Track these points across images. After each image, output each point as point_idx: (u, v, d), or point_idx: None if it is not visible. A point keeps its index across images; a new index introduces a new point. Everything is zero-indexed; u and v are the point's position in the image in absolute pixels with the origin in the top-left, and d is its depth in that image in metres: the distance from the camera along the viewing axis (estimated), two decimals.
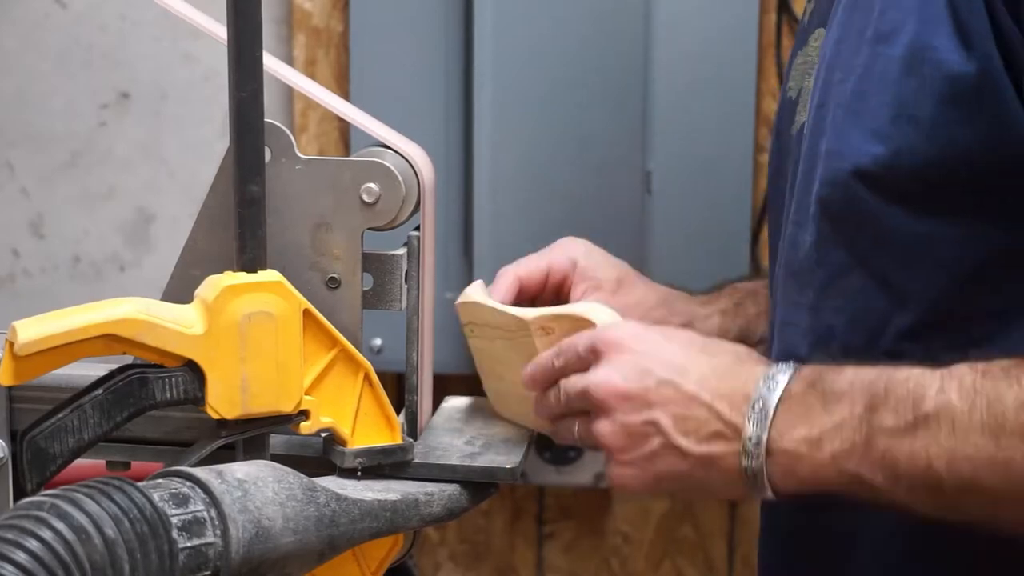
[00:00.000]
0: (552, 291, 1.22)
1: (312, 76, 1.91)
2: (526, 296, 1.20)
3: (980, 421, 0.88)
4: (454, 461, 1.06)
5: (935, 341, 0.97)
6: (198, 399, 0.95)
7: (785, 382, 0.96)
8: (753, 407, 0.96)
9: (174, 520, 0.85)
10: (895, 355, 0.97)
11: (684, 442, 0.98)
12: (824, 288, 1.02)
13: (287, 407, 0.98)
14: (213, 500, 0.87)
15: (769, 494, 0.96)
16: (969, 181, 0.95)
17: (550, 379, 1.06)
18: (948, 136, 0.94)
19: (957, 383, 0.90)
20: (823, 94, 1.03)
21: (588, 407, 1.02)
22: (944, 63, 0.93)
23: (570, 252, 1.23)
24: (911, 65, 0.95)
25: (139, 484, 0.86)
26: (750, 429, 0.96)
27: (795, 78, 1.13)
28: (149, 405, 0.94)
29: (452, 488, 1.04)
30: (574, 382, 1.03)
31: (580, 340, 1.04)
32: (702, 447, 0.98)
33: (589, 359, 1.03)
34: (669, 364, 1.00)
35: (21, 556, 0.77)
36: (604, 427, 1.01)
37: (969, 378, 0.89)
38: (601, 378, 1.01)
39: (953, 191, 0.95)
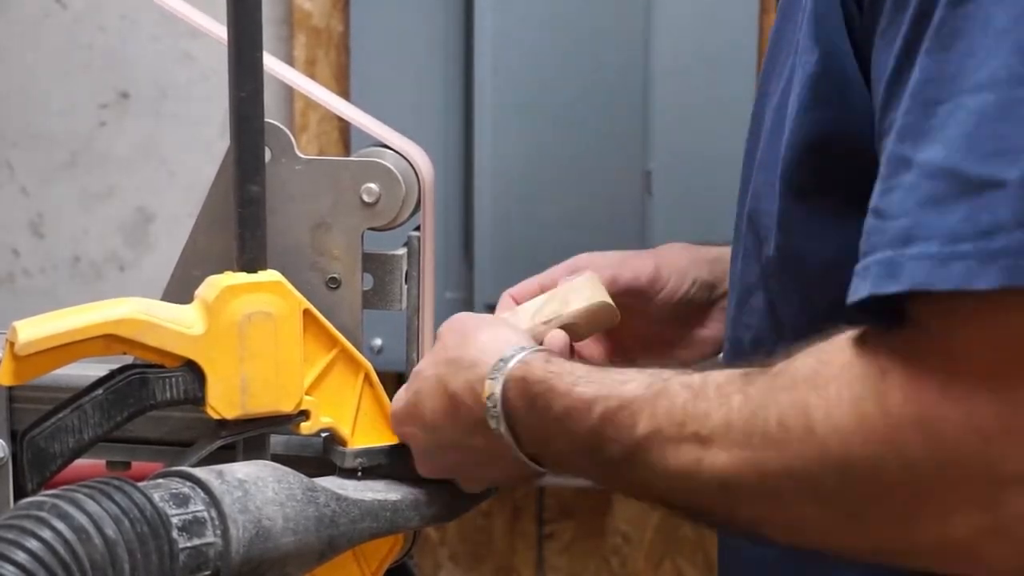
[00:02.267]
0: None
1: (312, 76, 1.91)
2: None
3: (686, 450, 0.85)
4: None
5: None
6: (198, 399, 0.95)
7: (500, 410, 0.95)
8: (496, 433, 0.95)
9: (174, 520, 0.85)
10: None
11: (490, 473, 1.01)
12: (739, 304, 1.00)
13: (287, 407, 0.98)
14: (213, 500, 0.87)
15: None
16: (830, 183, 0.90)
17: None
18: (804, 138, 0.90)
19: (667, 406, 0.86)
20: (757, 104, 1.01)
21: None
22: (801, 65, 0.91)
23: (564, 264, 1.21)
24: (790, 78, 0.93)
25: (139, 484, 0.86)
26: (509, 449, 0.95)
27: None
28: (149, 405, 0.94)
29: (452, 488, 1.04)
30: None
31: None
32: (500, 471, 1.00)
33: None
34: (430, 431, 1.01)
35: (21, 556, 0.77)
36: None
37: (681, 398, 0.86)
38: (420, 469, 1.04)
39: (818, 197, 0.92)
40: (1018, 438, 0.73)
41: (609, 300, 1.09)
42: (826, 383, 0.78)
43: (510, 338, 1.00)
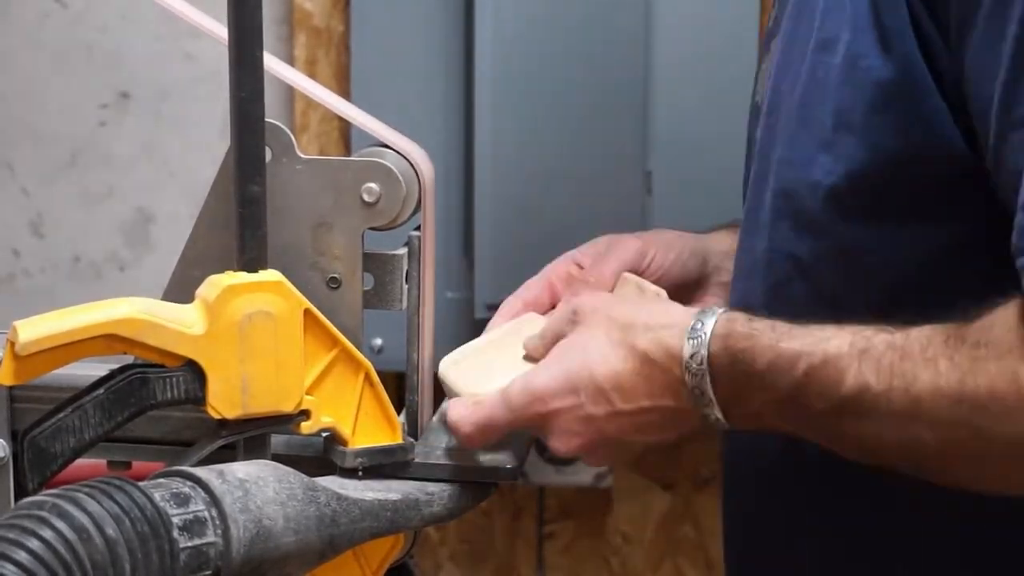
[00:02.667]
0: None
1: (312, 76, 1.91)
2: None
3: (898, 404, 0.90)
4: (455, 461, 1.06)
5: None
6: (199, 399, 0.95)
7: (706, 368, 0.96)
8: (694, 393, 0.97)
9: (175, 520, 0.85)
10: None
11: (655, 438, 1.02)
12: (771, 294, 1.03)
13: (288, 407, 0.98)
14: (214, 500, 0.87)
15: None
16: (902, 187, 0.95)
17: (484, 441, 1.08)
18: (878, 142, 0.94)
19: (875, 364, 0.90)
20: (772, 102, 1.04)
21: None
22: (871, 69, 0.94)
23: (567, 255, 1.22)
24: (847, 73, 0.96)
25: (140, 484, 0.86)
26: (702, 410, 0.97)
27: (760, 85, 1.14)
28: (150, 405, 0.94)
29: (452, 488, 1.04)
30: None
31: (500, 422, 1.05)
32: (671, 432, 1.01)
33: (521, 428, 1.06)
34: (599, 398, 1.00)
35: (22, 555, 0.77)
36: (593, 461, 1.05)
37: (887, 359, 0.90)
38: (561, 448, 1.03)
39: (888, 198, 0.96)
40: None
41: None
42: None
43: (677, 308, 1.03)
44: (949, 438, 0.89)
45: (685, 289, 1.21)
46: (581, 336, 1.02)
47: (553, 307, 1.18)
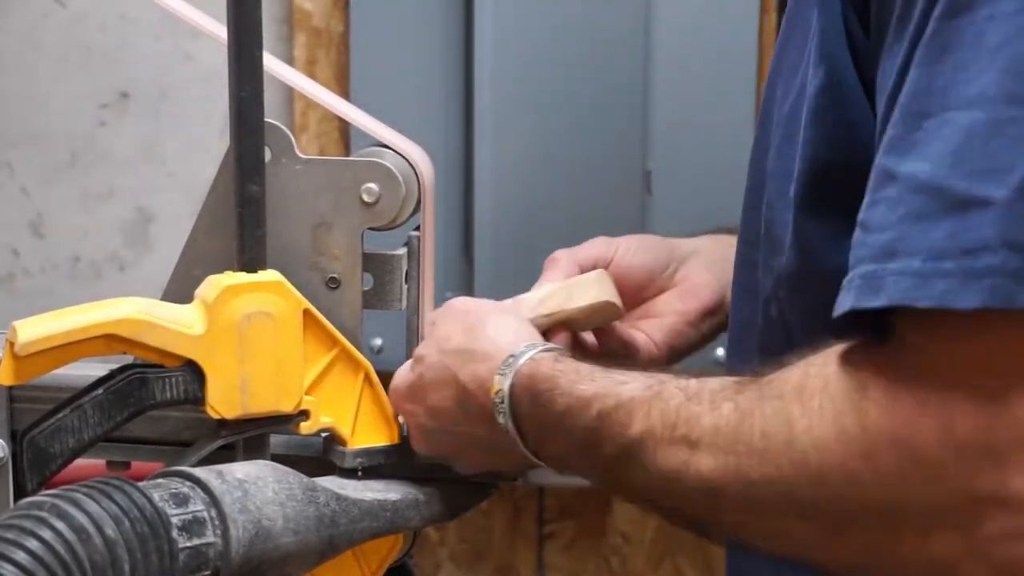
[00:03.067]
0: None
1: (312, 76, 1.91)
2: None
3: (676, 454, 0.85)
4: None
5: None
6: (198, 399, 0.95)
7: (507, 407, 0.96)
8: (504, 429, 0.97)
9: (174, 520, 0.85)
10: None
11: (488, 461, 1.03)
12: (763, 309, 1.00)
13: (287, 407, 0.98)
14: (213, 500, 0.87)
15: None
16: (839, 199, 0.89)
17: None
18: (813, 153, 0.90)
19: (661, 408, 0.87)
20: (765, 110, 1.01)
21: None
22: (810, 80, 0.90)
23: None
24: (802, 88, 0.92)
25: (139, 484, 0.86)
26: (514, 443, 0.97)
27: None
28: (149, 405, 0.94)
29: (452, 488, 1.04)
30: None
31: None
32: (498, 461, 1.02)
33: None
34: (430, 417, 1.02)
35: (21, 556, 0.77)
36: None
37: (675, 402, 0.86)
38: (416, 446, 1.05)
39: (825, 212, 0.91)
40: (995, 456, 0.72)
41: (614, 299, 1.09)
42: (811, 395, 0.78)
43: (520, 331, 1.01)
44: (720, 486, 0.83)
45: (651, 282, 1.19)
46: (423, 350, 1.04)
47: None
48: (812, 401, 0.78)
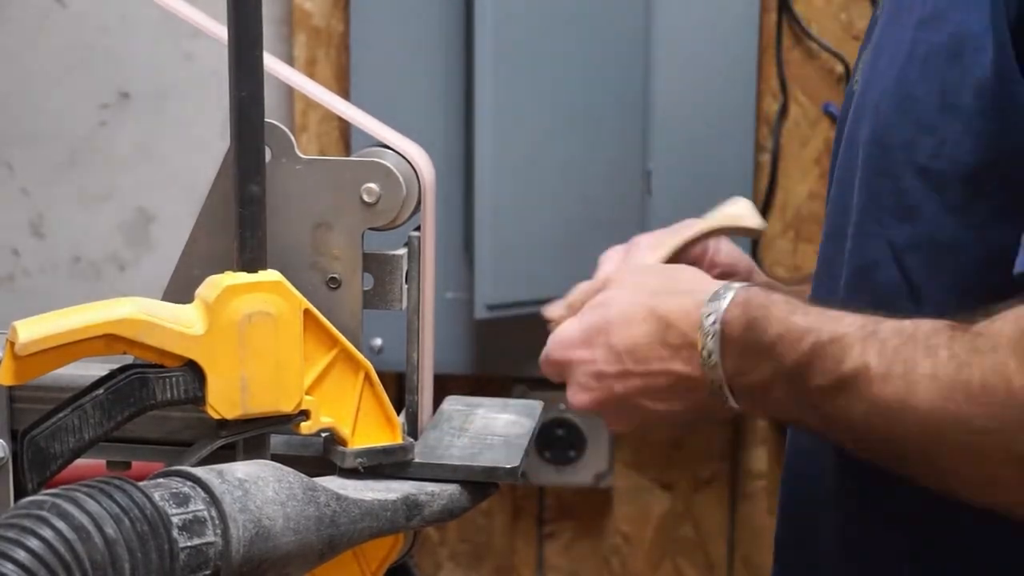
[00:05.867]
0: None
1: (312, 76, 1.91)
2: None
3: (894, 387, 0.89)
4: (454, 461, 1.06)
5: None
6: (198, 399, 0.95)
7: (719, 331, 0.98)
8: (704, 358, 0.99)
9: (175, 519, 0.85)
10: None
11: (665, 407, 1.04)
12: (856, 280, 1.03)
13: (287, 407, 0.98)
14: (213, 499, 0.87)
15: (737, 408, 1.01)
16: (1004, 181, 0.94)
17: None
18: (987, 129, 0.93)
19: (878, 347, 0.91)
20: (867, 81, 1.02)
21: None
22: (982, 52, 0.92)
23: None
24: (953, 53, 0.94)
25: (140, 484, 0.86)
26: (710, 375, 0.99)
27: (858, 72, 1.12)
28: (149, 405, 0.94)
29: (452, 488, 1.04)
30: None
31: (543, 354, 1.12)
32: (682, 403, 1.03)
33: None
34: (611, 358, 1.04)
35: (22, 555, 0.77)
36: (609, 420, 1.09)
37: (892, 342, 0.90)
38: (574, 399, 1.08)
39: (988, 191, 0.95)
40: None
41: (753, 218, 1.21)
42: None
43: (708, 278, 1.06)
44: (937, 429, 0.88)
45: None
46: (607, 295, 1.06)
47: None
48: None
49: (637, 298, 1.03)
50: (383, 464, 1.03)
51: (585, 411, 1.06)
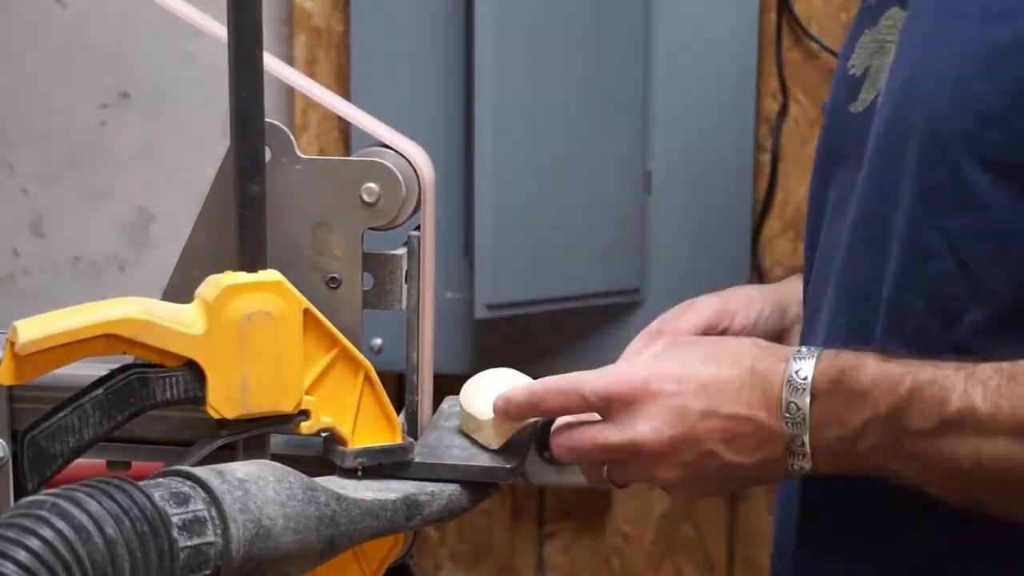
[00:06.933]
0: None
1: (312, 76, 1.91)
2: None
3: (1004, 426, 0.89)
4: (454, 461, 1.06)
5: (1008, 339, 0.96)
6: (198, 399, 0.95)
7: (809, 383, 0.97)
8: (788, 410, 0.98)
9: (175, 519, 0.85)
10: (966, 349, 0.97)
11: (737, 458, 1.01)
12: (907, 268, 1.02)
13: (287, 407, 0.98)
14: (214, 499, 0.88)
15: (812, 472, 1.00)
16: None
17: (537, 412, 1.08)
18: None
19: (981, 387, 0.91)
20: (911, 69, 1.02)
21: (631, 459, 1.04)
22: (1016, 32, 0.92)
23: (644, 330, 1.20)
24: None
25: (140, 483, 0.86)
26: (790, 431, 0.98)
27: (860, 56, 1.12)
28: (149, 405, 0.94)
29: (452, 488, 1.04)
30: (613, 436, 1.03)
31: (586, 387, 1.04)
32: (754, 457, 1.00)
33: (598, 407, 1.04)
34: (700, 394, 1.01)
35: (22, 554, 0.77)
36: (665, 473, 1.03)
37: (994, 381, 0.90)
38: (648, 433, 1.02)
39: None
40: None
41: None
42: None
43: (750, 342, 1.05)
44: None
45: (769, 337, 1.19)
46: (681, 347, 1.05)
47: None
48: None
49: (718, 349, 1.03)
50: (383, 464, 1.03)
51: (656, 448, 1.01)
